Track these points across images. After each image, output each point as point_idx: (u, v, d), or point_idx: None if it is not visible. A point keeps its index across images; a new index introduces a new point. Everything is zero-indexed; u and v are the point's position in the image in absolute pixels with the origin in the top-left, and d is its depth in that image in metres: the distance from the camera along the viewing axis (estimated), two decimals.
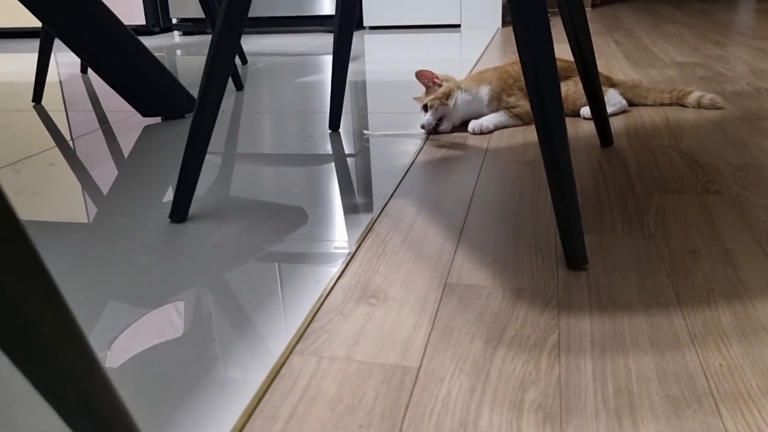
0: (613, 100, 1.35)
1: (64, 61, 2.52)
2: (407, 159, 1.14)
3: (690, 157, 1.09)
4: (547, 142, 0.72)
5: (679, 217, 0.85)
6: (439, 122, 1.29)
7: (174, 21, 3.51)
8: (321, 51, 2.65)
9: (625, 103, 1.38)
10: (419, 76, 1.31)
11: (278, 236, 0.86)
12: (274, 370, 0.57)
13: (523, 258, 0.76)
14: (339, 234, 0.86)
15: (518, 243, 0.80)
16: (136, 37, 1.46)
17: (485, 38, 2.75)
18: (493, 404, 0.51)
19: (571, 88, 1.35)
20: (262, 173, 1.15)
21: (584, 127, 1.29)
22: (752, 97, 1.47)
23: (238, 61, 2.36)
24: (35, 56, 1.75)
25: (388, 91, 1.80)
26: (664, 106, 1.41)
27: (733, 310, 0.63)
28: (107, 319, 0.68)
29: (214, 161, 1.20)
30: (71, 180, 1.15)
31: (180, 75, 2.24)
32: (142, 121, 1.51)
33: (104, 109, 1.69)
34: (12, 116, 1.64)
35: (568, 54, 1.13)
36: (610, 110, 1.32)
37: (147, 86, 1.51)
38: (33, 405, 0.54)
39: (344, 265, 0.76)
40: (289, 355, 0.59)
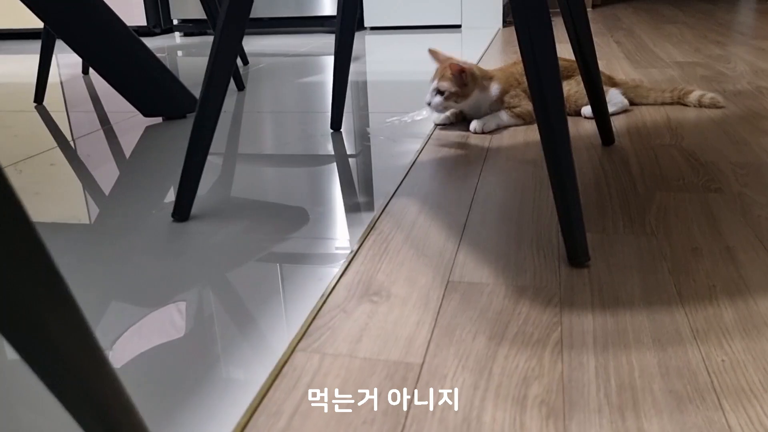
0: (614, 99, 1.36)
1: (66, 62, 2.52)
2: (409, 158, 1.14)
3: (691, 155, 1.09)
4: (549, 141, 0.72)
5: (680, 215, 0.86)
6: (442, 110, 1.31)
7: (175, 22, 3.51)
8: (322, 52, 2.65)
9: (626, 102, 1.38)
10: (450, 67, 1.26)
11: (280, 235, 0.86)
12: (277, 368, 0.57)
13: (526, 256, 0.76)
14: (341, 232, 0.87)
15: (520, 241, 0.80)
16: (138, 38, 1.46)
17: (486, 39, 2.76)
18: (496, 400, 0.52)
19: (573, 88, 1.35)
20: (264, 173, 1.15)
21: (586, 126, 1.29)
22: (753, 96, 1.47)
23: (240, 61, 2.36)
24: (37, 57, 1.75)
25: (389, 91, 1.80)
26: (665, 105, 1.41)
27: (735, 307, 0.63)
28: (110, 318, 0.68)
29: (215, 161, 1.20)
30: (73, 180, 1.15)
31: (181, 76, 2.24)
32: (144, 121, 1.51)
33: (105, 109, 1.69)
34: (13, 117, 1.64)
35: (570, 54, 1.13)
36: (611, 109, 1.32)
37: (148, 86, 1.51)
38: (36, 405, 0.54)
39: (346, 263, 0.76)
40: (292, 353, 0.59)
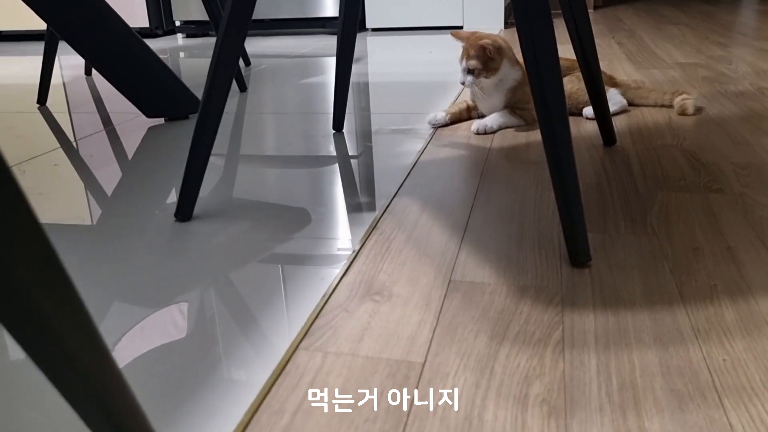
0: (613, 99, 1.36)
1: (68, 63, 2.53)
2: (410, 159, 1.15)
3: (693, 156, 1.09)
4: (551, 141, 0.72)
5: (682, 215, 0.86)
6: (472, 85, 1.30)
7: (177, 23, 3.52)
8: (324, 53, 2.66)
9: (625, 102, 1.38)
10: (472, 44, 1.27)
11: (282, 235, 0.86)
12: (279, 366, 0.57)
13: (527, 255, 0.76)
14: (343, 233, 0.87)
15: (522, 241, 0.80)
16: (140, 39, 1.47)
17: None
18: (497, 399, 0.52)
19: (575, 86, 1.35)
20: (266, 173, 1.16)
21: (587, 126, 1.29)
22: (754, 97, 1.48)
23: (242, 62, 2.37)
24: (40, 59, 1.76)
25: (390, 92, 1.81)
26: (665, 107, 1.41)
27: (736, 306, 0.63)
28: (113, 317, 0.68)
29: (217, 162, 1.20)
30: (76, 180, 1.16)
31: (183, 77, 2.24)
32: (146, 122, 1.52)
33: (108, 110, 1.70)
34: (17, 118, 1.65)
35: (571, 54, 1.13)
36: (611, 109, 1.33)
37: (151, 87, 1.52)
38: (37, 405, 0.55)
39: (348, 263, 0.76)
40: (294, 351, 0.59)
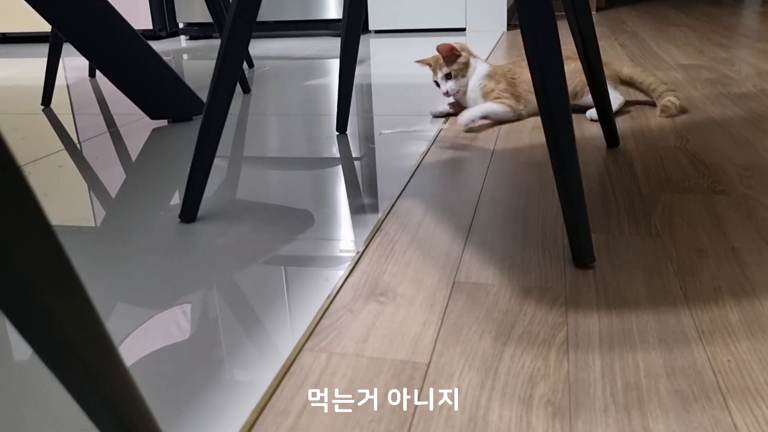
0: (611, 96, 1.35)
1: (72, 65, 2.54)
2: (414, 160, 1.15)
3: (696, 157, 1.09)
4: (555, 142, 0.72)
5: (685, 216, 0.86)
6: (456, 93, 1.39)
7: (181, 25, 3.53)
8: (327, 54, 2.66)
9: (622, 99, 1.37)
10: (440, 50, 1.38)
11: (286, 237, 0.86)
12: (284, 367, 0.57)
13: (531, 256, 0.76)
14: (347, 234, 0.87)
15: (526, 242, 0.80)
16: (144, 41, 1.47)
17: (490, 42, 2.76)
18: (502, 399, 0.52)
19: (570, 71, 1.33)
20: (270, 175, 1.16)
21: (590, 128, 1.29)
22: (757, 98, 1.48)
23: (245, 64, 2.37)
24: (44, 60, 1.77)
25: (393, 94, 1.81)
26: (649, 101, 1.41)
27: (741, 307, 0.63)
28: (117, 318, 0.69)
29: (221, 164, 1.21)
30: (80, 182, 1.16)
31: (186, 79, 2.25)
32: (150, 124, 1.52)
33: (112, 112, 1.70)
34: (21, 119, 1.65)
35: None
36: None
37: (155, 89, 1.52)
38: (38, 404, 0.55)
39: (353, 264, 0.77)
40: (299, 352, 0.59)
